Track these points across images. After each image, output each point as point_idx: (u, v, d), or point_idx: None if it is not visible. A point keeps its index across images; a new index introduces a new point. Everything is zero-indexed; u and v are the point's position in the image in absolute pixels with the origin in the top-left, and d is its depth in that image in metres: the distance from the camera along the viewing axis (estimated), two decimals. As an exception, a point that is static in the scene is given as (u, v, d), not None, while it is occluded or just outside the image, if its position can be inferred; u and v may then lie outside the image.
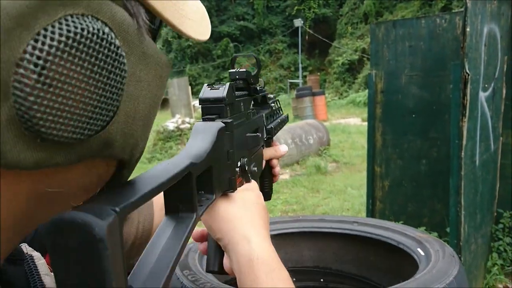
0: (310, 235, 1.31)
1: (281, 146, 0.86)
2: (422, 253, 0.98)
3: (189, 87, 12.27)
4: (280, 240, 1.34)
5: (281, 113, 0.97)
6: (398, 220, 3.31)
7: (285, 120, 0.96)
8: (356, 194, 5.26)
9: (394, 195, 3.38)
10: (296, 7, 28.81)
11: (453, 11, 3.04)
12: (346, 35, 25.78)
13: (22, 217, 0.30)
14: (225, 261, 0.58)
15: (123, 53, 0.30)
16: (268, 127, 0.80)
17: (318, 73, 26.13)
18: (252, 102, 0.81)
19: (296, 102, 13.70)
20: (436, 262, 0.90)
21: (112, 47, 0.28)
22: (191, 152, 0.45)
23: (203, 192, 0.49)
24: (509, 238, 2.85)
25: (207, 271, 0.62)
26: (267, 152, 0.82)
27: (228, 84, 0.56)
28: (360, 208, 4.58)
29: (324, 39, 25.95)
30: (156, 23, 0.36)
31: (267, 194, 0.87)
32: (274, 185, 0.88)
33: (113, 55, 0.29)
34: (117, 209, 0.29)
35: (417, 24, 3.05)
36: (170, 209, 0.43)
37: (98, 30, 0.27)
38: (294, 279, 1.36)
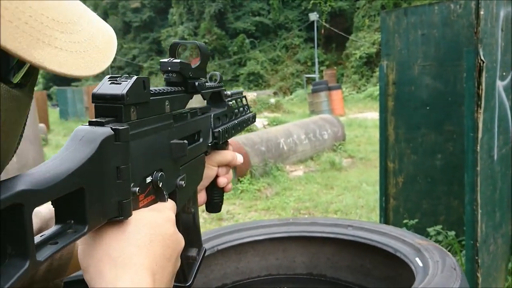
0: (301, 239, 1.19)
1: (237, 156, 0.75)
2: (420, 264, 0.86)
3: (204, 84, 12.23)
4: (269, 245, 1.23)
5: (248, 111, 0.86)
6: (413, 218, 3.16)
7: (247, 121, 0.83)
8: (371, 191, 5.11)
9: (408, 191, 3.22)
10: (312, 1, 28.47)
11: (470, -4, 2.86)
12: (363, 28, 25.35)
13: None
14: None
15: None
16: (215, 130, 0.68)
17: (335, 67, 25.79)
18: (206, 100, 0.69)
19: (312, 97, 13.52)
20: (434, 275, 0.78)
21: None
22: (36, 173, 0.33)
23: (72, 221, 0.38)
24: (532, 237, 2.67)
25: None
26: (217, 158, 0.71)
27: (134, 78, 0.44)
28: (375, 205, 4.43)
29: (340, 33, 25.58)
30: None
31: (216, 205, 0.76)
32: (287, 182, 0.75)
33: None
34: None
35: (430, 11, 2.87)
36: None
37: None
38: (286, 288, 1.25)
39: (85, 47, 0.35)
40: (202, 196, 0.73)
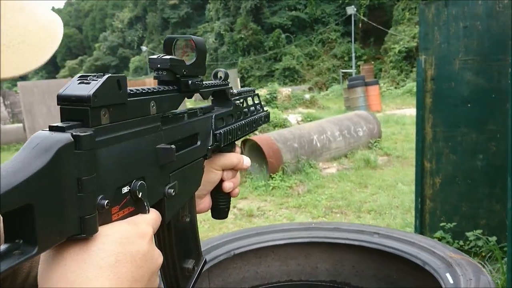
0: (324, 245, 1.13)
1: (244, 159, 0.69)
2: (451, 280, 0.77)
3: (238, 80, 12.25)
4: (291, 249, 1.18)
5: (261, 110, 0.80)
6: (451, 221, 3.01)
7: (258, 120, 0.77)
8: (407, 190, 4.93)
9: (446, 193, 3.06)
10: (349, -6, 27.90)
11: (518, -15, 2.66)
12: (403, 22, 24.57)
13: None
14: None
15: None
16: (217, 132, 0.63)
17: (373, 62, 25.17)
18: (209, 99, 0.64)
19: (348, 93, 13.25)
20: (465, 296, 0.70)
21: None
22: None
23: (21, 241, 0.33)
24: None
25: None
26: (221, 161, 0.66)
27: (106, 76, 0.39)
28: (411, 206, 4.27)
29: (379, 27, 24.92)
30: None
31: (221, 211, 0.71)
32: (319, 179, 0.69)
33: None
34: None
35: (473, 2, 2.70)
36: None
37: None
38: (308, 295, 1.19)
39: (8, 42, 0.29)
40: (206, 202, 0.69)
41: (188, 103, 14.53)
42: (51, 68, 66.59)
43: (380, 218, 4.23)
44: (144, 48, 41.14)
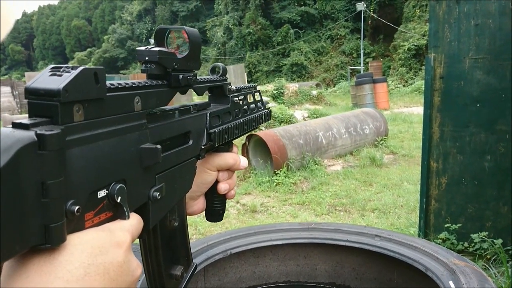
0: (325, 246, 1.10)
1: (241, 159, 0.66)
2: (454, 288, 0.74)
3: (245, 74, 12.20)
4: (290, 250, 1.15)
5: (262, 107, 0.77)
6: (456, 223, 2.97)
7: (258, 119, 0.74)
8: (412, 190, 4.88)
9: (452, 194, 3.01)
10: (360, -10, 27.61)
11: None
12: (413, 19, 24.32)
13: None
14: None
15: None
16: (211, 130, 0.59)
17: (381, 59, 24.95)
18: (207, 95, 0.61)
19: (355, 90, 13.15)
20: (469, 306, 0.67)
21: None
22: None
23: None
24: None
25: None
26: (216, 161, 0.63)
27: (80, 68, 0.35)
28: (416, 206, 4.22)
29: (389, 24, 24.68)
30: None
31: (216, 213, 0.68)
32: (324, 176, 0.65)
33: None
34: None
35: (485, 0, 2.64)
36: None
37: None
38: (307, 296, 1.16)
39: None
40: (201, 203, 0.66)
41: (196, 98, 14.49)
42: (60, 60, 66.89)
43: (384, 217, 4.19)
44: (152, 41, 41.23)
